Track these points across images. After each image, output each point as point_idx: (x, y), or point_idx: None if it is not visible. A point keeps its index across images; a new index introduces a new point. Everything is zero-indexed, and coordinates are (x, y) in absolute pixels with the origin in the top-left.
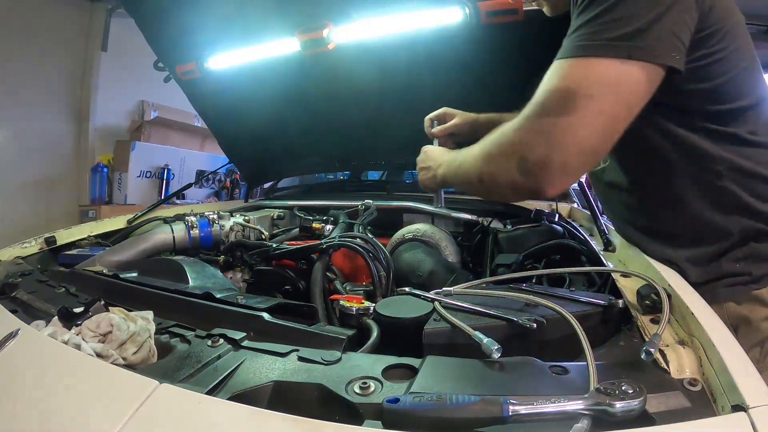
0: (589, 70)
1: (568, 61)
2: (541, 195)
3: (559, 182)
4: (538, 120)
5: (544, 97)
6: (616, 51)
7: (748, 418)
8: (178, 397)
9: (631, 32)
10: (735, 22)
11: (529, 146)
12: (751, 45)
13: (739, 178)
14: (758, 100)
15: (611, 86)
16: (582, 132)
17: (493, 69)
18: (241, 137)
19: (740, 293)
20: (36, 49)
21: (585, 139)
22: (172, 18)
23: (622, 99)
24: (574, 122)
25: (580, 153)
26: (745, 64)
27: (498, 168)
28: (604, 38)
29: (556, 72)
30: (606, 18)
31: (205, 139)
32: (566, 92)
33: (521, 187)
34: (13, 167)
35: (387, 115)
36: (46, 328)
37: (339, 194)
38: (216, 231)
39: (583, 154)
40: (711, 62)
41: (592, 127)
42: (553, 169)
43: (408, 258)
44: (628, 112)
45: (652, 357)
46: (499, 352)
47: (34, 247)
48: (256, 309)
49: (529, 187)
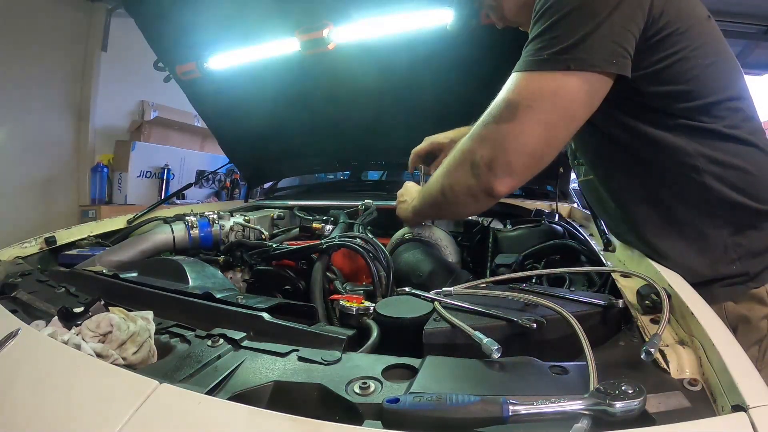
0: (530, 83)
1: (516, 75)
2: (492, 194)
3: (506, 181)
4: (485, 128)
5: (492, 107)
6: (556, 64)
7: (748, 418)
8: (178, 397)
9: (569, 45)
10: (696, 21)
11: (477, 151)
12: (719, 40)
13: (719, 172)
14: (731, 94)
15: (549, 97)
16: (523, 138)
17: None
18: (241, 137)
19: (739, 293)
20: (36, 49)
21: (526, 144)
22: (172, 18)
23: (561, 108)
24: (516, 129)
25: (521, 155)
26: (711, 60)
27: (454, 177)
28: (546, 53)
29: (506, 85)
30: (549, 34)
31: (205, 139)
32: (510, 103)
33: (475, 188)
34: (13, 167)
35: (387, 115)
36: (46, 328)
37: (339, 194)
38: (216, 231)
39: (525, 157)
40: (672, 63)
41: (532, 134)
42: (498, 168)
43: (408, 258)
44: (569, 119)
45: (652, 357)
46: (499, 352)
47: (34, 247)
48: (256, 309)
49: (482, 187)
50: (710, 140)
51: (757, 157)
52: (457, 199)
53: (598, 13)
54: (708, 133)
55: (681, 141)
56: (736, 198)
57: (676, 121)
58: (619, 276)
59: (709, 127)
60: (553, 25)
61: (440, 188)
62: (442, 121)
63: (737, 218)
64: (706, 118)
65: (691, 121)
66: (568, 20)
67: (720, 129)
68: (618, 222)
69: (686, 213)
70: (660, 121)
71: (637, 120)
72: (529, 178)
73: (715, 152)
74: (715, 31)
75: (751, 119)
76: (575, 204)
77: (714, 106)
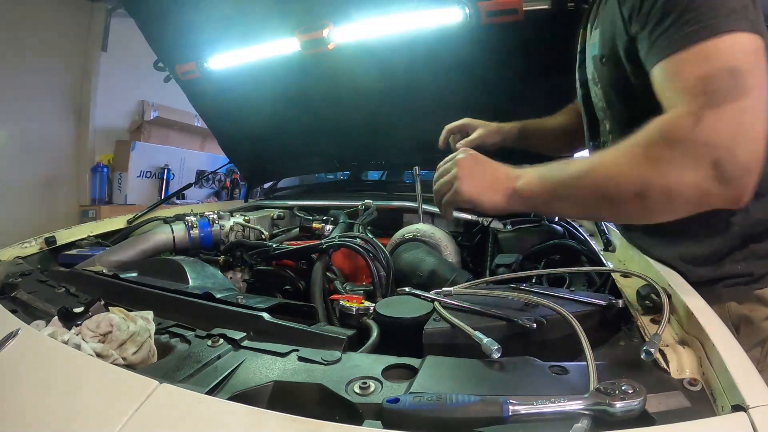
0: (747, 44)
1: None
2: (740, 202)
3: (753, 182)
4: (721, 110)
5: (707, 84)
6: (738, 23)
7: (748, 418)
8: (178, 397)
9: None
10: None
11: (727, 144)
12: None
13: None
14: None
15: (758, 54)
16: (759, 113)
17: (493, 69)
18: (241, 137)
19: (742, 293)
20: (36, 49)
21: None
22: (172, 18)
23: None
24: (750, 104)
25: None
26: None
27: (675, 177)
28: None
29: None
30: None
31: (205, 139)
32: (737, 72)
33: (714, 196)
34: (13, 167)
35: (387, 115)
36: (46, 328)
37: (339, 194)
38: (216, 231)
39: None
40: None
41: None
42: (753, 170)
43: (408, 258)
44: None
45: (652, 357)
46: (499, 352)
47: (34, 247)
48: (256, 309)
49: (729, 196)
50: None
51: None
52: (674, 207)
53: None
54: None
55: None
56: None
57: None
58: (619, 276)
59: None
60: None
61: (637, 186)
62: (442, 121)
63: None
64: None
65: None
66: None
67: None
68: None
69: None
70: None
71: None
72: None
73: None
74: None
75: None
76: None
77: None
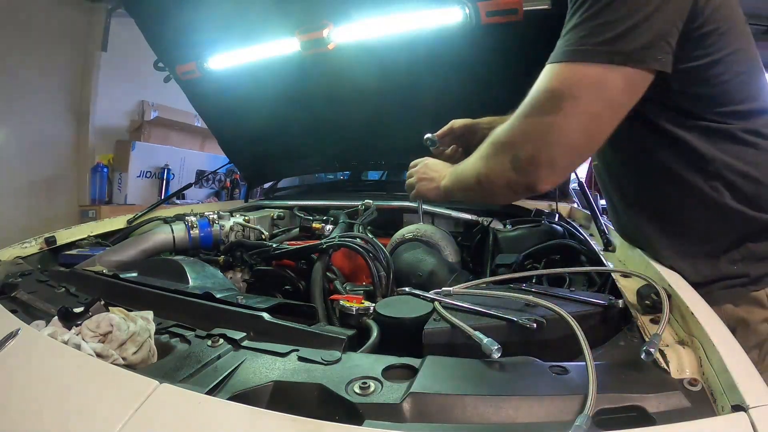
0: (574, 73)
1: (556, 65)
2: (534, 190)
3: (549, 178)
4: (526, 120)
5: (533, 98)
6: (600, 56)
7: (748, 418)
8: (178, 397)
9: (614, 37)
10: (735, 23)
11: (519, 145)
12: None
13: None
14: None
15: (594, 88)
16: (567, 131)
17: (493, 69)
18: (241, 137)
19: (738, 295)
20: (36, 49)
21: (570, 138)
22: (172, 18)
23: (605, 100)
24: (560, 121)
25: (566, 150)
26: (743, 68)
27: (493, 168)
28: (588, 43)
29: (545, 75)
30: (592, 23)
31: (205, 139)
32: (553, 94)
33: (515, 184)
34: (13, 167)
35: (387, 115)
36: (46, 328)
37: (339, 194)
38: (216, 231)
39: (570, 152)
40: (705, 63)
41: (577, 127)
42: (542, 164)
43: (408, 258)
44: (611, 112)
45: (652, 357)
46: (499, 352)
47: (34, 247)
48: (256, 309)
49: (523, 183)
50: (729, 146)
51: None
52: (494, 189)
53: (645, 4)
54: (728, 139)
55: (700, 143)
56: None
57: (697, 123)
58: (619, 276)
59: (730, 133)
60: (598, 14)
61: (476, 176)
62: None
63: (746, 227)
64: (728, 125)
65: (713, 125)
66: (615, 8)
67: (741, 136)
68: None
69: (693, 216)
70: (681, 120)
71: (658, 116)
72: (570, 173)
73: (733, 159)
74: (750, 38)
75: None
76: (575, 204)
77: (738, 115)
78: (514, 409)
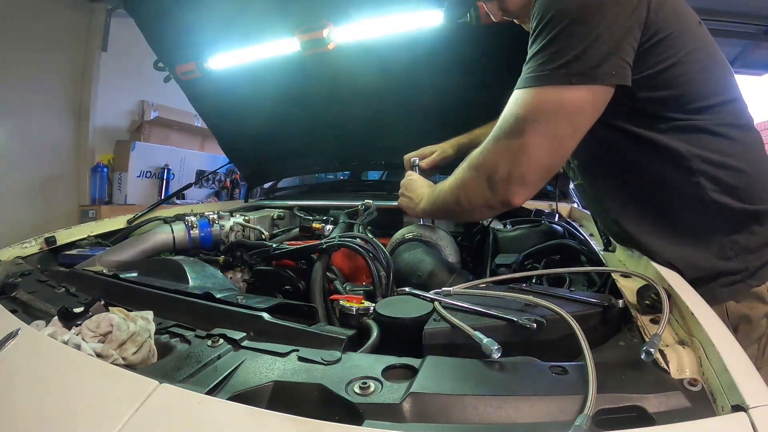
0: (534, 99)
1: (520, 91)
2: (509, 206)
3: (522, 193)
4: (498, 143)
5: (501, 123)
6: (558, 79)
7: (748, 418)
8: (178, 397)
9: (570, 60)
10: (688, 26)
11: (493, 166)
12: (710, 44)
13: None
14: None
15: (554, 111)
16: (533, 151)
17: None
18: (241, 137)
19: (740, 291)
20: (36, 49)
21: (537, 157)
22: (172, 18)
23: (566, 120)
24: (525, 143)
25: (534, 168)
26: (704, 64)
27: (471, 188)
28: (547, 69)
29: (511, 101)
30: (550, 49)
31: (205, 139)
32: (518, 119)
33: (492, 201)
34: (13, 167)
35: (387, 115)
36: (46, 328)
37: (339, 194)
38: (216, 231)
39: (538, 169)
40: (665, 67)
41: (541, 147)
42: (514, 181)
43: (408, 258)
44: (574, 129)
45: (652, 357)
46: (499, 352)
47: (34, 247)
48: (256, 309)
49: (500, 200)
50: (704, 141)
51: (750, 155)
52: (474, 208)
53: (596, 26)
54: (701, 134)
55: (674, 142)
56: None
57: (669, 124)
58: (619, 276)
59: (702, 127)
60: (553, 40)
61: (455, 199)
62: (442, 121)
63: (733, 219)
64: (699, 120)
65: (684, 122)
66: (567, 34)
67: (713, 129)
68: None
69: (680, 214)
70: (653, 123)
71: (630, 123)
72: (542, 186)
73: (709, 152)
74: (706, 36)
75: (743, 119)
76: (575, 204)
77: (707, 110)
78: (514, 409)
